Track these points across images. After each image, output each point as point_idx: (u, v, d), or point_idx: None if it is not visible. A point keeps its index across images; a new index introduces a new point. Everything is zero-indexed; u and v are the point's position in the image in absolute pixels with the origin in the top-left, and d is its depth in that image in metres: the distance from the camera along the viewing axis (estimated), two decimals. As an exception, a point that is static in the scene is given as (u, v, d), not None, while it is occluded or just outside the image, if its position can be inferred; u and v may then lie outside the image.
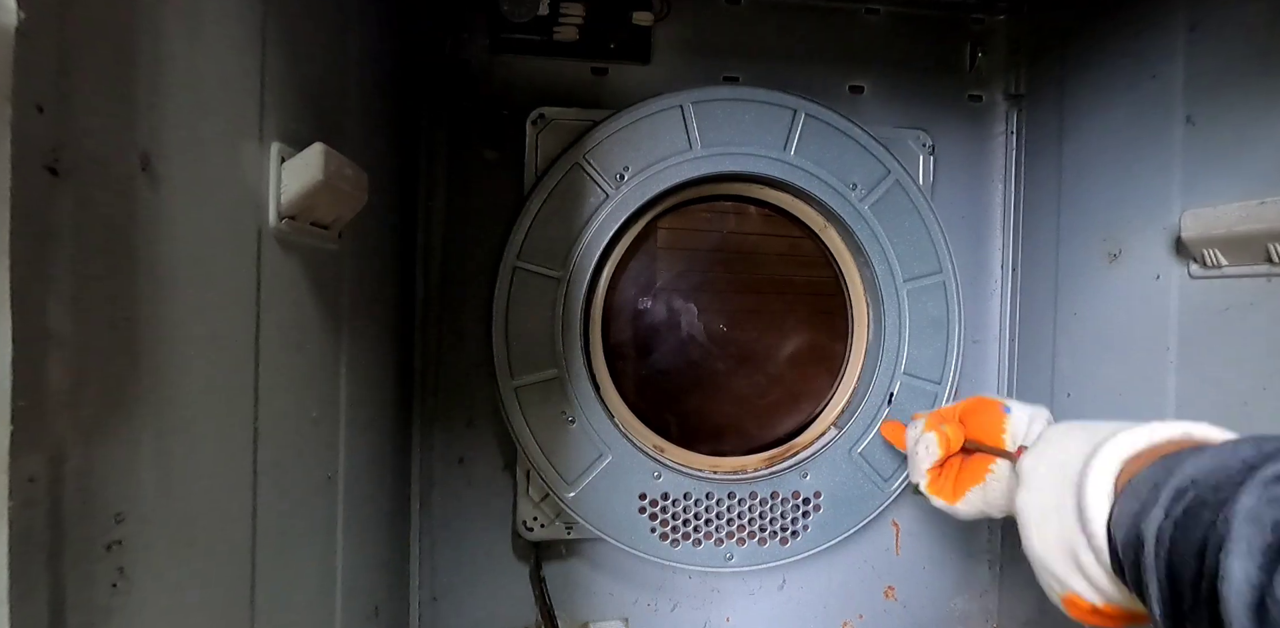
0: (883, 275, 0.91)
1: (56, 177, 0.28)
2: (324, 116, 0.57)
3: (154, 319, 0.34)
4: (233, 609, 0.43)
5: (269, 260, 0.47)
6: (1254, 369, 0.64)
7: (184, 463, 0.37)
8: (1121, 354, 0.79)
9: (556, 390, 0.86)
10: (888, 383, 0.92)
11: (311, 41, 0.54)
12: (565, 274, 0.85)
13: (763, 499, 0.90)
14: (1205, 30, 0.69)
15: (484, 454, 0.91)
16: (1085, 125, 0.85)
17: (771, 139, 0.89)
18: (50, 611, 0.28)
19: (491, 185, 0.90)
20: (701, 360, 0.97)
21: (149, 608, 0.34)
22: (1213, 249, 0.66)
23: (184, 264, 0.37)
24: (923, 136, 0.95)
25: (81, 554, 0.30)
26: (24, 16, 0.25)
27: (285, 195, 0.47)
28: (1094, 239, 0.83)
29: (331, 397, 0.60)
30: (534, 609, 0.91)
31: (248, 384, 0.44)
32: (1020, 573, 0.97)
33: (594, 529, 0.86)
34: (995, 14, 0.98)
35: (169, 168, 0.35)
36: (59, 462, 0.28)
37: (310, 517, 0.56)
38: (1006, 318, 1.00)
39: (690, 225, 0.97)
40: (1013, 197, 0.99)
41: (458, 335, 0.90)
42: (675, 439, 0.94)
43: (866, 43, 0.96)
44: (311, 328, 0.55)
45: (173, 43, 0.36)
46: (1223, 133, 0.67)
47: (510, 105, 0.89)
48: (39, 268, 0.27)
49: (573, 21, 0.88)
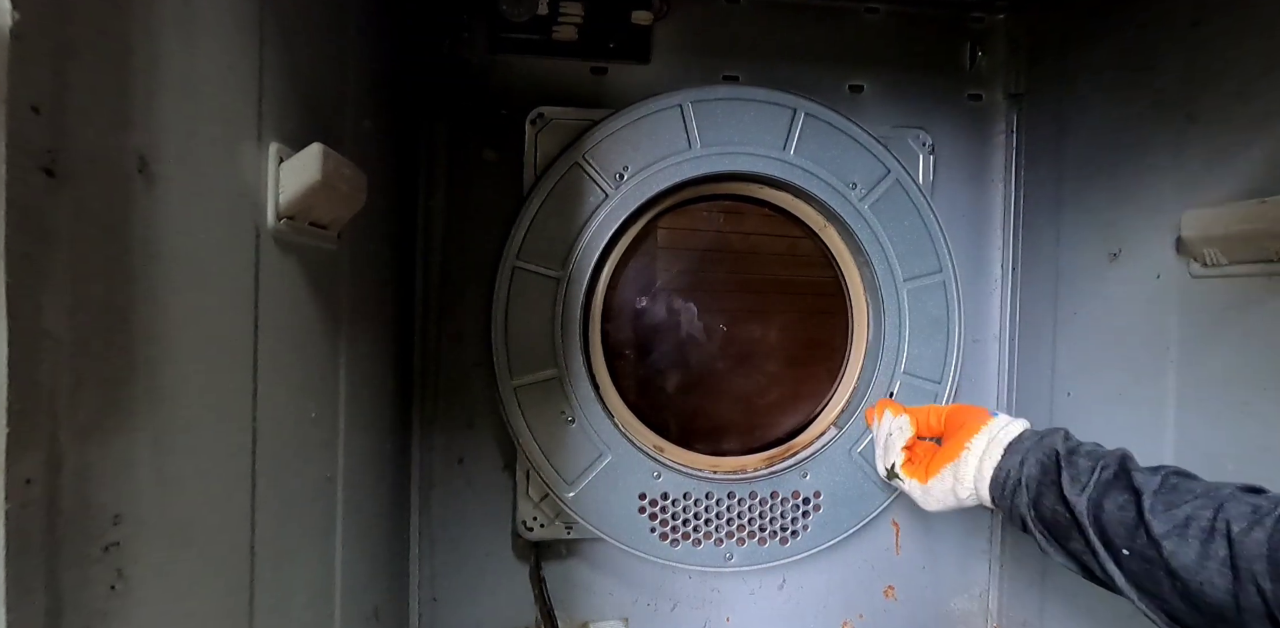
0: (883, 275, 0.91)
1: (53, 178, 0.28)
2: (322, 117, 0.56)
3: (151, 320, 0.34)
4: (232, 610, 0.43)
5: (267, 261, 0.46)
6: (1254, 369, 0.63)
7: (182, 464, 0.37)
8: (1121, 354, 0.79)
9: (556, 390, 0.86)
10: (888, 382, 0.92)
11: (310, 42, 0.54)
12: (565, 274, 0.85)
13: (763, 499, 0.90)
14: (1205, 29, 0.69)
15: (484, 454, 0.91)
16: (1085, 125, 0.85)
17: (771, 138, 0.89)
18: (48, 613, 0.28)
19: (491, 185, 0.89)
20: (701, 360, 0.97)
21: (147, 610, 0.34)
22: (1213, 248, 0.66)
23: (182, 265, 0.37)
24: (922, 136, 0.94)
25: (79, 556, 0.30)
26: (20, 18, 0.25)
27: (284, 196, 0.47)
28: (1094, 238, 0.83)
29: (330, 397, 0.60)
30: (534, 609, 0.91)
31: (246, 385, 0.44)
32: (1020, 573, 0.97)
33: (594, 529, 0.86)
34: (995, 13, 0.98)
35: (166, 169, 0.35)
36: (56, 464, 0.28)
37: (309, 517, 0.56)
38: (1006, 317, 1.00)
39: (690, 225, 0.96)
40: (1013, 196, 0.99)
41: (457, 335, 0.90)
42: (675, 439, 0.94)
43: (866, 42, 0.96)
44: (310, 328, 0.55)
45: (169, 44, 0.36)
46: (1223, 132, 0.67)
47: (510, 105, 0.89)
48: (36, 269, 0.27)
49: (572, 21, 0.88)
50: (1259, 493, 0.51)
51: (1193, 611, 0.49)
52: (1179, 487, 0.53)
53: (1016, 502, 0.63)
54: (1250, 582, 0.45)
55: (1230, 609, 0.46)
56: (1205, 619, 0.48)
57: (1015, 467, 0.64)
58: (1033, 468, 0.62)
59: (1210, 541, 0.48)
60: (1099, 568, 0.56)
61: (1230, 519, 0.48)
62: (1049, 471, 0.61)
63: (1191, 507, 0.50)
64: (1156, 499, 0.52)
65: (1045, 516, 0.60)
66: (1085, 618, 0.84)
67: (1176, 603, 0.49)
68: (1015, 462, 0.64)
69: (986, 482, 0.66)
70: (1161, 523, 0.51)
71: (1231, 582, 0.46)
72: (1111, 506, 0.55)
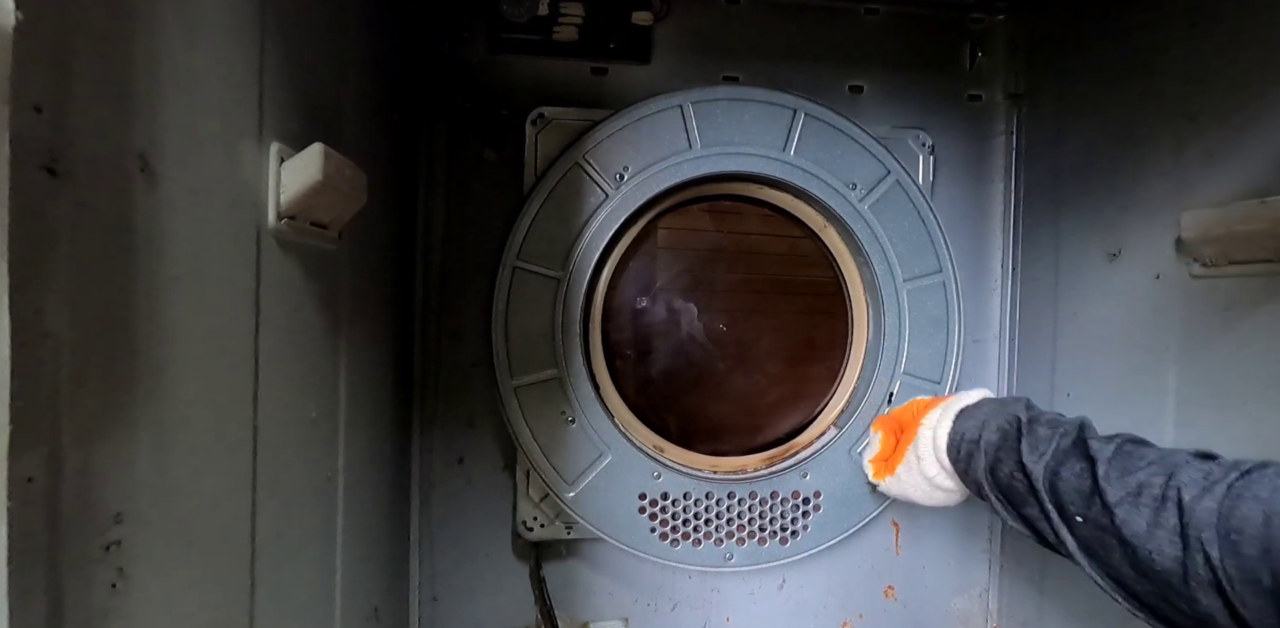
0: (882, 275, 0.91)
1: (55, 177, 0.28)
2: (323, 117, 0.57)
3: (153, 319, 0.34)
4: (232, 610, 0.43)
5: (268, 260, 0.47)
6: (1254, 369, 0.63)
7: (183, 463, 0.37)
8: (1121, 354, 0.79)
9: (556, 390, 0.86)
10: (888, 383, 0.92)
11: (311, 42, 0.54)
12: (565, 274, 0.85)
13: (763, 499, 0.90)
14: (1205, 29, 0.69)
15: (484, 454, 0.91)
16: (1085, 125, 0.85)
17: (771, 139, 0.89)
18: (49, 612, 0.28)
19: (491, 185, 0.90)
20: (701, 360, 0.97)
21: (148, 609, 0.34)
22: (1213, 248, 0.66)
23: (183, 264, 0.37)
24: (922, 136, 0.95)
25: (80, 555, 0.30)
26: (22, 17, 0.25)
27: (284, 195, 0.47)
28: (1094, 238, 0.83)
29: (331, 397, 0.60)
30: (534, 609, 0.91)
31: (247, 384, 0.44)
32: (1020, 573, 0.97)
33: (594, 529, 0.86)
34: (995, 14, 0.98)
35: (167, 168, 0.35)
36: (57, 462, 0.28)
37: (310, 517, 0.56)
38: (1006, 317, 1.00)
39: (690, 225, 0.96)
40: (1013, 196, 0.99)
41: (457, 335, 0.90)
42: (675, 439, 0.94)
43: (866, 42, 0.96)
44: (311, 328, 0.55)
45: (171, 43, 0.36)
46: (1223, 132, 0.67)
47: (510, 105, 0.89)
48: (37, 269, 0.27)
49: (572, 21, 0.88)
50: (1211, 459, 0.50)
51: (1141, 578, 0.48)
52: (1133, 454, 0.53)
53: (973, 466, 0.63)
54: (1198, 550, 0.44)
55: (1178, 577, 0.45)
56: (1154, 587, 0.48)
57: (972, 430, 0.65)
58: (992, 435, 0.63)
59: (1162, 509, 0.47)
60: (1052, 534, 0.56)
61: (1182, 487, 0.47)
62: (1009, 437, 0.61)
63: (1145, 474, 0.50)
64: (1111, 467, 0.52)
65: (1002, 482, 0.61)
66: (1085, 618, 0.84)
67: (1126, 571, 0.49)
68: (971, 426, 0.65)
69: (944, 450, 0.66)
70: (1115, 490, 0.51)
71: (1181, 550, 0.45)
72: (1068, 474, 0.55)
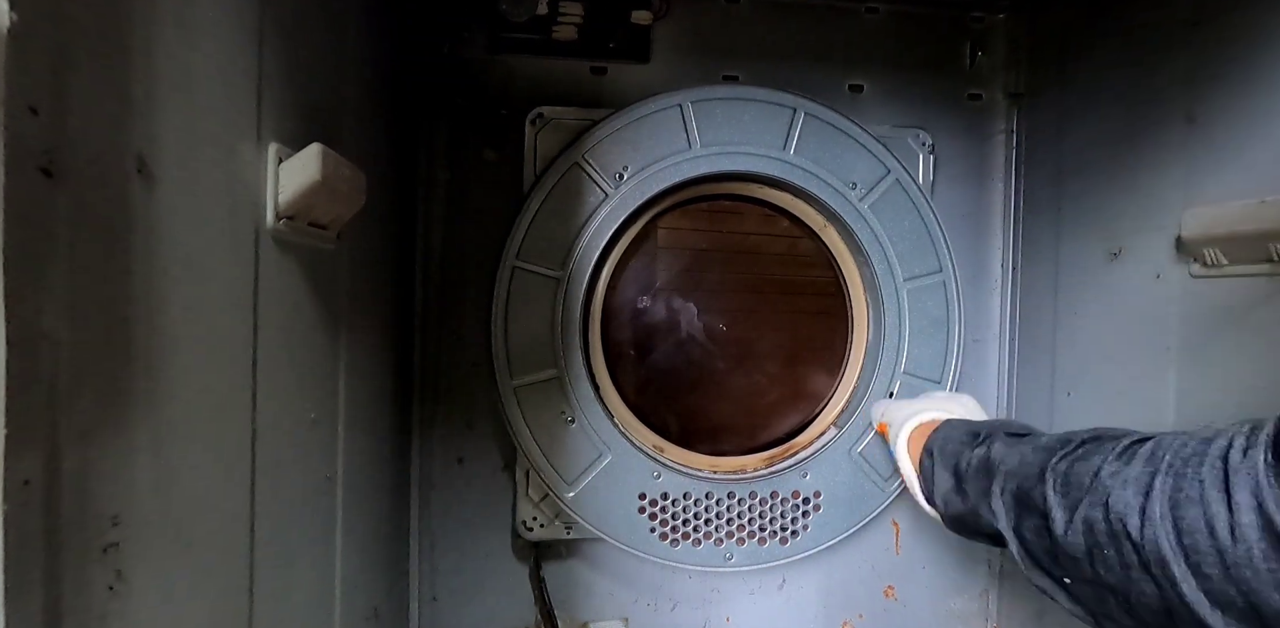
0: (883, 275, 0.91)
1: (51, 178, 0.28)
2: (322, 117, 0.56)
3: (150, 320, 0.34)
4: (231, 611, 0.43)
5: (267, 261, 0.46)
6: (1254, 369, 0.63)
7: (181, 465, 0.37)
8: (1121, 354, 0.79)
9: (556, 391, 0.86)
10: (888, 382, 0.92)
11: (309, 42, 0.54)
12: (564, 274, 0.85)
13: (762, 499, 0.90)
14: (1205, 29, 0.69)
15: (483, 455, 0.91)
16: (1085, 124, 0.85)
17: (771, 138, 0.89)
18: (46, 614, 0.28)
19: (490, 185, 0.89)
20: (701, 360, 0.97)
21: (146, 611, 0.34)
22: (1213, 248, 0.66)
23: (180, 265, 0.37)
24: (922, 136, 0.94)
25: (78, 557, 0.30)
26: (17, 18, 0.25)
27: (283, 196, 0.47)
28: (1094, 238, 0.83)
29: (330, 397, 0.60)
30: (534, 609, 0.91)
31: (245, 385, 0.44)
32: (1020, 573, 0.97)
33: (594, 529, 0.86)
34: (995, 13, 0.98)
35: (165, 169, 0.35)
36: (55, 464, 0.28)
37: (309, 518, 0.56)
38: (1006, 317, 1.00)
39: (690, 225, 0.96)
40: (1013, 196, 0.99)
41: (457, 336, 0.90)
42: (675, 439, 0.94)
43: (866, 41, 0.96)
44: (310, 328, 0.55)
45: (169, 44, 0.36)
46: (1223, 131, 0.67)
47: (509, 105, 0.89)
48: (34, 270, 0.27)
49: (571, 21, 0.88)
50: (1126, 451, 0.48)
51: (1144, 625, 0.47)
52: (1070, 480, 0.50)
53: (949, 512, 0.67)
54: (1170, 587, 0.42)
55: (1168, 617, 0.44)
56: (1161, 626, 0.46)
57: (939, 484, 0.66)
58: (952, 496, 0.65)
59: (1120, 546, 0.45)
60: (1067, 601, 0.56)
61: (1123, 517, 0.45)
62: (966, 503, 0.63)
63: (1086, 507, 0.48)
64: (1061, 509, 0.50)
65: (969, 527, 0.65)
66: (1085, 618, 0.84)
67: (1127, 622, 0.48)
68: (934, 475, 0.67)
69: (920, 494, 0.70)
70: (1074, 540, 0.49)
71: (1157, 589, 0.43)
72: (1030, 535, 0.55)
